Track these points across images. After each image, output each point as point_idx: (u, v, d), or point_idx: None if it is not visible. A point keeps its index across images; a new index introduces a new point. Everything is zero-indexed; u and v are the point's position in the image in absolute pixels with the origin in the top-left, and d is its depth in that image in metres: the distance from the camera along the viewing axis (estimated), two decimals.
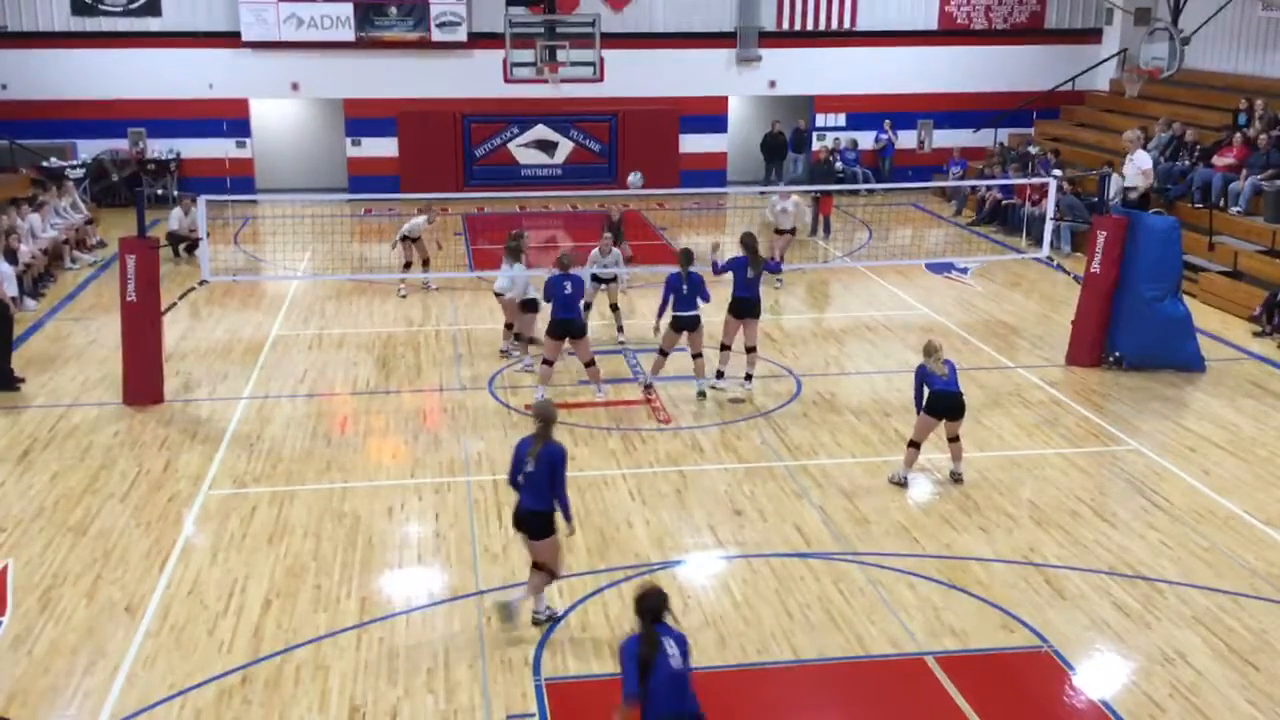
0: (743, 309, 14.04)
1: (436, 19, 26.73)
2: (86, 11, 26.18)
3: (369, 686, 8.34)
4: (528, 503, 8.77)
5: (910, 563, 10.12)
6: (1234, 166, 20.46)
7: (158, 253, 14.19)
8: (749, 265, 13.98)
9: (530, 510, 8.76)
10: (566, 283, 13.53)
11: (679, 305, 13.82)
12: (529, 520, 8.80)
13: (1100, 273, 15.10)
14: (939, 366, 11.39)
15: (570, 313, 13.58)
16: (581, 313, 13.73)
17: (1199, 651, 8.79)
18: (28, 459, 12.34)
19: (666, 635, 6.55)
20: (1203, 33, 24.16)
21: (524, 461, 8.72)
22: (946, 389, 11.36)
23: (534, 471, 8.68)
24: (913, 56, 28.64)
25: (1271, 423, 13.53)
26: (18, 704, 8.15)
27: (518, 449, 8.85)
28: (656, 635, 6.50)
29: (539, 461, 8.65)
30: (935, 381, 11.39)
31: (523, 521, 8.84)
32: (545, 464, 8.65)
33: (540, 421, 8.83)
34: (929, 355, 11.49)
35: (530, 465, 8.68)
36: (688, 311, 13.81)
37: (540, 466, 8.65)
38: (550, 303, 13.67)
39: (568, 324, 13.58)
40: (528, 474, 8.71)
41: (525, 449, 8.77)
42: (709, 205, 27.56)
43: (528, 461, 8.70)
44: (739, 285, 13.98)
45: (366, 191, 26.68)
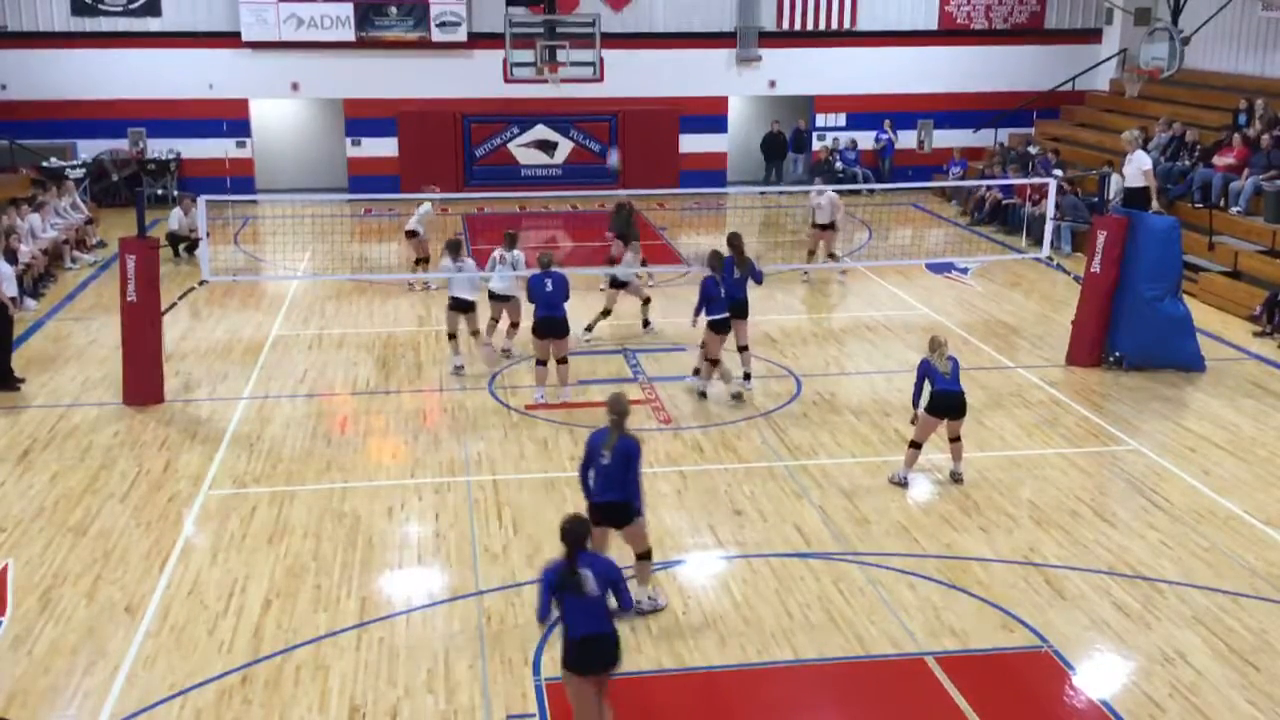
0: (732, 310, 14.02)
1: (436, 19, 26.74)
2: (86, 11, 26.19)
3: (369, 686, 8.34)
4: (607, 495, 8.93)
5: (910, 563, 10.12)
6: (1234, 166, 20.46)
7: (158, 253, 14.19)
8: (735, 266, 13.96)
9: (610, 502, 8.93)
10: (548, 280, 13.55)
11: (714, 308, 13.72)
12: (611, 511, 8.97)
13: (1100, 273, 15.10)
14: (943, 363, 11.34)
15: (552, 311, 13.58)
16: (564, 311, 13.67)
17: (1199, 651, 8.79)
18: (28, 459, 12.34)
19: (586, 564, 7.08)
20: (1203, 33, 24.16)
21: (598, 455, 8.87)
22: (949, 389, 11.32)
23: (610, 464, 8.84)
24: (913, 56, 28.65)
25: (1271, 423, 13.53)
26: (18, 704, 8.15)
27: (590, 442, 8.99)
28: (575, 564, 7.06)
29: (615, 454, 8.82)
30: (938, 380, 11.33)
31: (604, 514, 8.96)
32: (621, 456, 8.83)
33: (614, 414, 8.96)
34: (934, 350, 11.42)
35: (606, 458, 8.84)
36: (723, 314, 13.72)
37: (616, 459, 8.82)
38: (533, 302, 13.69)
39: (549, 322, 13.59)
40: (603, 466, 8.86)
41: (600, 442, 8.92)
42: (709, 205, 27.56)
43: (603, 454, 8.85)
44: (726, 286, 13.96)
45: (366, 191, 26.64)
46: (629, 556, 9.11)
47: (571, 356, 15.69)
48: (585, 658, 7.11)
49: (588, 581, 7.02)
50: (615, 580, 7.20)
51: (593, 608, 7.09)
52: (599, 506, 8.97)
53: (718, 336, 13.81)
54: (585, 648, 7.10)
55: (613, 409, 8.99)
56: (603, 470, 8.89)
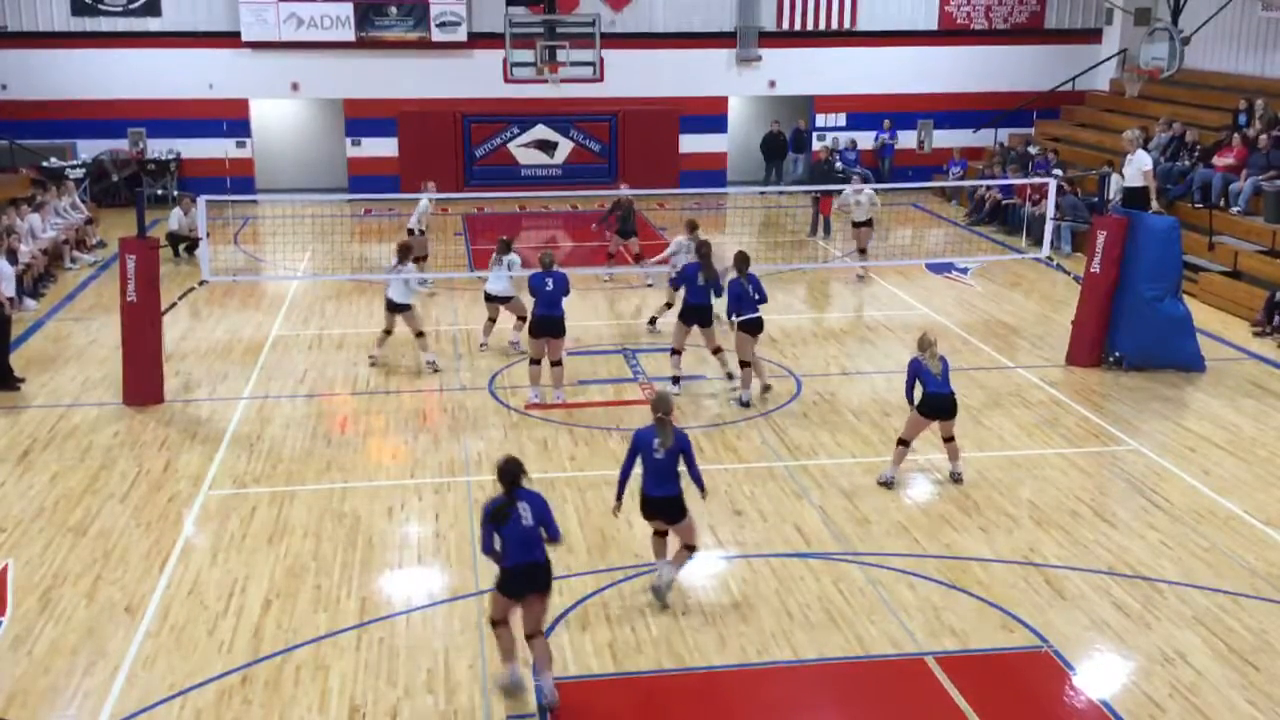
0: (692, 316, 13.99)
1: (436, 19, 26.74)
2: (86, 11, 26.19)
3: (369, 686, 8.34)
4: (661, 490, 9.09)
5: (910, 563, 10.12)
6: (1234, 166, 20.46)
7: (158, 253, 14.19)
8: (700, 272, 13.92)
9: (665, 496, 9.10)
10: (548, 280, 13.56)
11: (744, 308, 13.65)
12: (666, 506, 9.15)
13: (1100, 273, 15.10)
14: (934, 363, 11.29)
15: (551, 309, 13.57)
16: (562, 310, 13.67)
17: (1199, 651, 8.79)
18: (28, 459, 12.34)
19: (522, 498, 7.87)
20: (1203, 33, 24.15)
21: (652, 450, 9.00)
22: (940, 390, 11.31)
23: (663, 459, 8.99)
24: (913, 56, 28.66)
25: (1271, 423, 13.53)
26: (18, 704, 8.15)
27: (636, 440, 9.11)
28: (513, 500, 7.83)
29: (669, 450, 9.00)
30: (929, 381, 11.31)
31: (659, 509, 9.17)
32: (675, 451, 9.02)
33: (661, 413, 9.10)
34: (923, 349, 11.36)
35: (660, 453, 8.98)
36: (752, 314, 13.66)
37: (669, 454, 9.00)
38: (534, 298, 13.73)
39: (547, 321, 13.61)
40: (656, 461, 9.01)
41: (650, 439, 9.04)
42: (709, 205, 27.54)
43: (656, 450, 8.97)
44: (690, 293, 13.97)
45: (366, 191, 26.63)
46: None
47: (570, 356, 15.71)
48: (517, 583, 7.93)
49: (525, 514, 7.81)
50: (545, 514, 7.95)
51: (529, 537, 7.86)
52: (654, 501, 9.14)
53: (749, 338, 13.74)
54: (518, 574, 7.91)
55: (659, 408, 9.14)
56: (656, 465, 9.04)
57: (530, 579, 7.92)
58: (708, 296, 13.96)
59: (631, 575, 9.85)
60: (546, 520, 7.95)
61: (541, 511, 7.93)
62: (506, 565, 7.90)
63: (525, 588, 7.93)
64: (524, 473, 7.93)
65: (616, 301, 18.50)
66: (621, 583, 9.74)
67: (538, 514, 7.89)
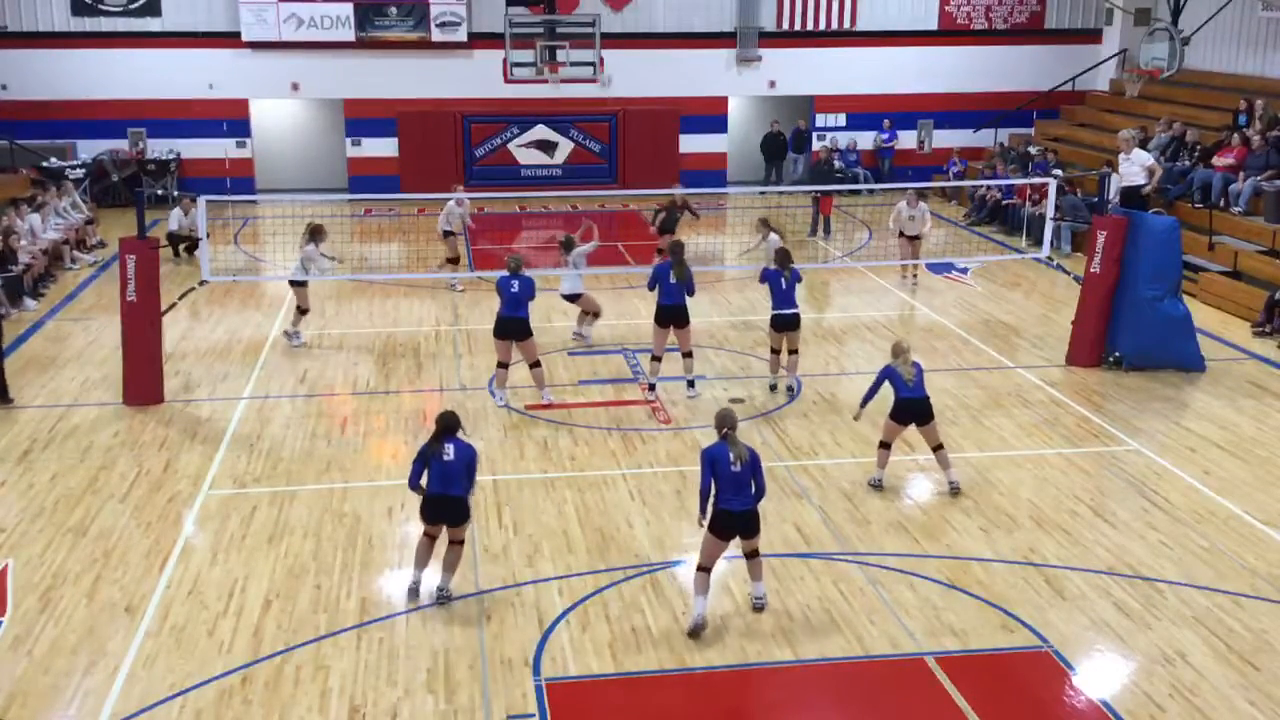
0: (667, 316, 13.87)
1: (436, 19, 26.74)
2: (86, 11, 26.19)
3: (369, 686, 8.34)
4: (741, 504, 8.95)
5: (910, 563, 10.12)
6: (1234, 167, 20.45)
7: (158, 253, 14.19)
8: (672, 272, 13.84)
9: (747, 509, 8.98)
10: (514, 282, 13.50)
11: (779, 303, 13.87)
12: (750, 519, 9.02)
13: (1100, 273, 15.10)
14: (907, 370, 11.30)
15: (515, 311, 13.48)
16: (527, 313, 13.57)
17: (1199, 651, 8.79)
18: (28, 459, 12.34)
19: (451, 442, 9.16)
20: (1203, 33, 24.17)
21: (728, 465, 8.87)
22: (913, 395, 11.30)
23: (740, 472, 8.90)
24: (913, 56, 28.66)
25: (1271, 423, 13.53)
26: (18, 704, 8.15)
27: (714, 456, 8.93)
28: (441, 442, 9.15)
29: (745, 462, 8.90)
30: (901, 387, 11.29)
31: (745, 522, 9.00)
32: (751, 463, 8.95)
33: (727, 428, 9.05)
34: (896, 356, 11.39)
35: (738, 467, 8.88)
36: (789, 309, 13.88)
37: (746, 467, 8.92)
38: (499, 302, 13.67)
39: (511, 322, 13.51)
40: (734, 474, 8.89)
41: (724, 454, 8.90)
42: (709, 205, 27.54)
43: (734, 464, 8.87)
44: (664, 293, 13.83)
45: (366, 192, 26.67)
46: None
47: (570, 356, 15.72)
48: (435, 512, 9.25)
49: (448, 453, 9.10)
50: (471, 462, 9.22)
51: (449, 473, 9.11)
52: (741, 515, 8.97)
53: (775, 333, 14.15)
54: (436, 504, 9.19)
55: (725, 422, 9.08)
56: (735, 479, 8.92)
57: (447, 510, 9.23)
58: (682, 296, 13.91)
59: (631, 575, 9.85)
60: (471, 469, 9.21)
61: (469, 459, 9.19)
62: (429, 494, 9.18)
63: (441, 517, 9.27)
64: (460, 426, 9.28)
65: (617, 301, 18.50)
66: (621, 583, 9.74)
67: (464, 458, 9.16)
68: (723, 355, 15.87)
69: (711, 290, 19.08)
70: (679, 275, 13.87)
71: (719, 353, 15.99)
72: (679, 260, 13.97)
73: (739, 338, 16.72)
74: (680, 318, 13.96)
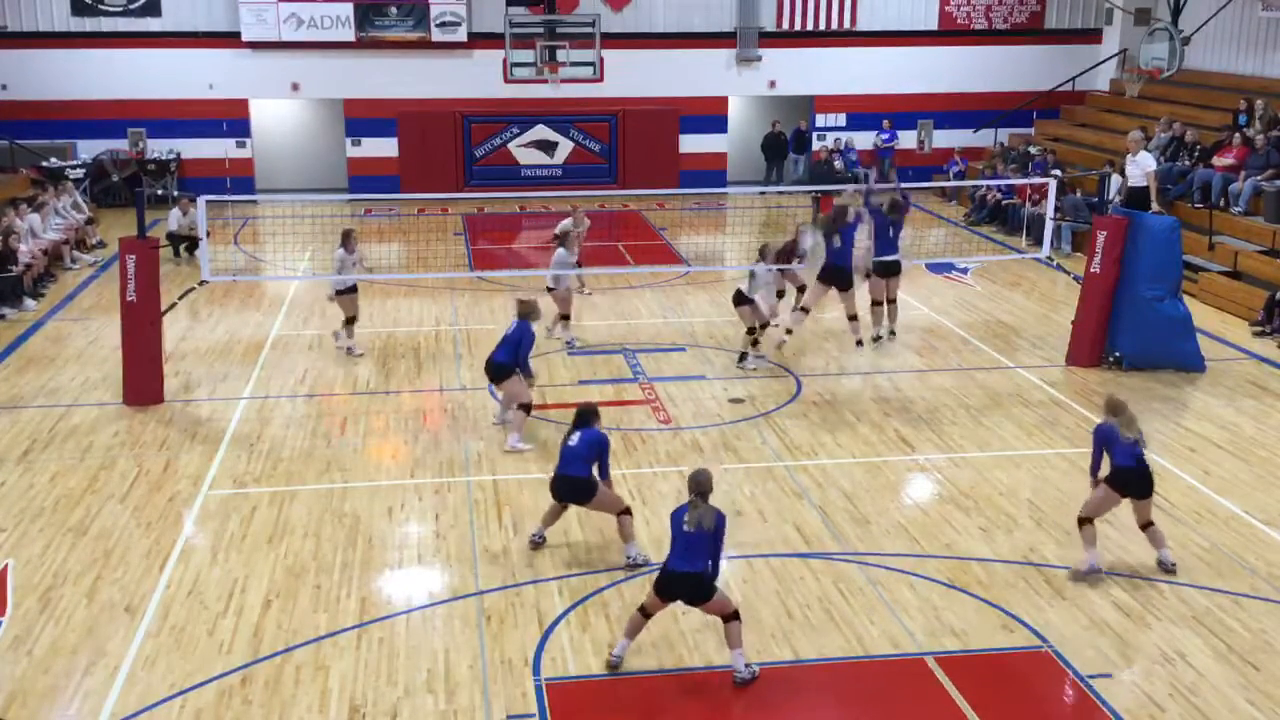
0: (831, 277, 15.36)
1: (436, 19, 26.74)
2: (86, 11, 26.19)
3: (369, 686, 8.34)
4: (685, 565, 8.25)
5: (910, 563, 10.12)
6: (1234, 166, 20.45)
7: (158, 253, 14.18)
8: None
9: (690, 572, 8.25)
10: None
11: (884, 248, 14.82)
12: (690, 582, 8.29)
13: (1100, 273, 15.10)
14: (1131, 431, 9.67)
15: (495, 353, 12.61)
16: (506, 358, 12.43)
17: (1199, 651, 8.79)
18: (28, 459, 12.34)
19: (580, 430, 9.90)
20: (1203, 33, 24.17)
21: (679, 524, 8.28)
22: (1133, 465, 9.67)
23: (693, 535, 8.20)
24: (913, 56, 28.66)
25: (1271, 423, 13.53)
26: (18, 704, 8.15)
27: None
28: (571, 429, 9.92)
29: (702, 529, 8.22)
30: (1121, 453, 9.72)
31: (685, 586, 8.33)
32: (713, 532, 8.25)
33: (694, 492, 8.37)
34: (1116, 414, 9.79)
35: (690, 528, 8.21)
36: (892, 255, 15.22)
37: (702, 533, 8.21)
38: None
39: (487, 365, 12.71)
40: (685, 535, 8.22)
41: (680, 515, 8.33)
42: (709, 205, 27.57)
43: (686, 525, 8.23)
44: (831, 253, 15.26)
45: (366, 191, 26.68)
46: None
47: (570, 356, 15.72)
48: (557, 489, 10.08)
49: (574, 439, 9.91)
50: (594, 444, 9.85)
51: (570, 454, 9.93)
52: (682, 577, 8.30)
53: (880, 281, 15.95)
54: (556, 482, 10.00)
55: (696, 487, 8.37)
56: (686, 540, 8.25)
57: (563, 486, 9.99)
58: (847, 258, 15.22)
59: (631, 575, 9.85)
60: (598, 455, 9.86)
61: (590, 442, 9.84)
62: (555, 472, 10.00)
63: (561, 494, 10.05)
64: (597, 415, 9.99)
65: (617, 302, 18.51)
66: (621, 583, 9.74)
67: (585, 440, 9.80)
68: (723, 355, 15.87)
69: (711, 290, 19.07)
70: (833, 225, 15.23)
71: (719, 353, 15.98)
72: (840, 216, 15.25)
73: (739, 337, 16.69)
74: (845, 279, 15.46)
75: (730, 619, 8.36)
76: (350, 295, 15.60)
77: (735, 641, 8.37)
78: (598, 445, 9.87)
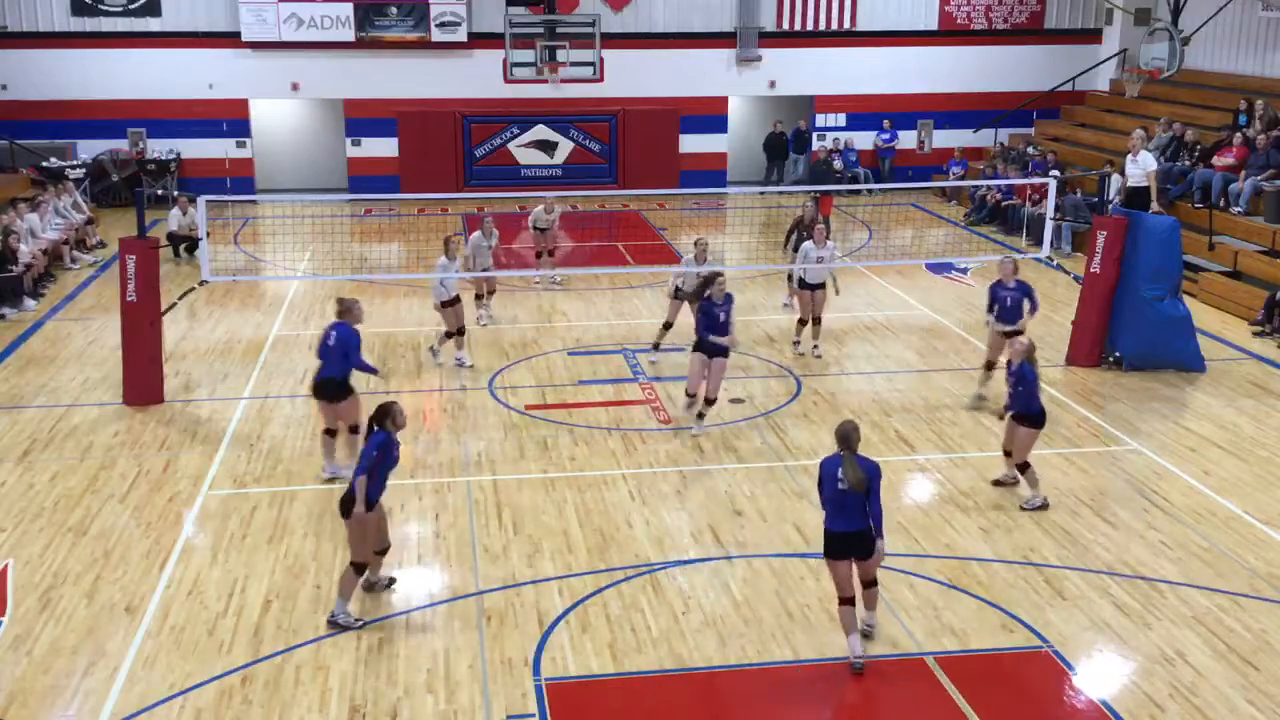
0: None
1: (436, 19, 26.74)
2: (86, 11, 26.19)
3: (369, 686, 8.34)
4: (846, 525, 8.50)
5: (910, 563, 10.12)
6: (1234, 166, 20.45)
7: (158, 253, 14.19)
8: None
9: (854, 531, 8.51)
10: (331, 333, 11.35)
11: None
12: (860, 539, 8.53)
13: (1100, 273, 15.10)
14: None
15: (328, 371, 11.45)
16: (339, 372, 11.38)
17: (1199, 651, 8.79)
18: (28, 459, 12.34)
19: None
20: (1203, 33, 24.16)
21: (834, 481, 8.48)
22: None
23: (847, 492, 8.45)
24: (913, 56, 28.67)
25: (1271, 423, 13.53)
26: (18, 704, 8.15)
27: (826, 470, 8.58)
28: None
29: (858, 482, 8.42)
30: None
31: (853, 542, 8.52)
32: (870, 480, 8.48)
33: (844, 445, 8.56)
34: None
35: (844, 485, 8.44)
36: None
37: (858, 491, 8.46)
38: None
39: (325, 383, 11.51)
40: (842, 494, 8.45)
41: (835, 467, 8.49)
42: (709, 205, 27.57)
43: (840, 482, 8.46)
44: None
45: (366, 191, 26.67)
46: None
47: (570, 356, 15.71)
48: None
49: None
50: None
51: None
52: (843, 539, 8.59)
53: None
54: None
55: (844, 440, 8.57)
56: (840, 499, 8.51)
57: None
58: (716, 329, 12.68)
59: (631, 575, 9.85)
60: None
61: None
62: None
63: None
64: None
65: (617, 302, 18.50)
66: (621, 583, 9.74)
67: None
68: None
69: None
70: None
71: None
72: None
73: (739, 337, 16.67)
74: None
75: (871, 585, 8.76)
76: (453, 307, 14.94)
77: (871, 603, 8.86)
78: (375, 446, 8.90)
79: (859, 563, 8.58)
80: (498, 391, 14.40)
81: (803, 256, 15.75)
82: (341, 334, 11.29)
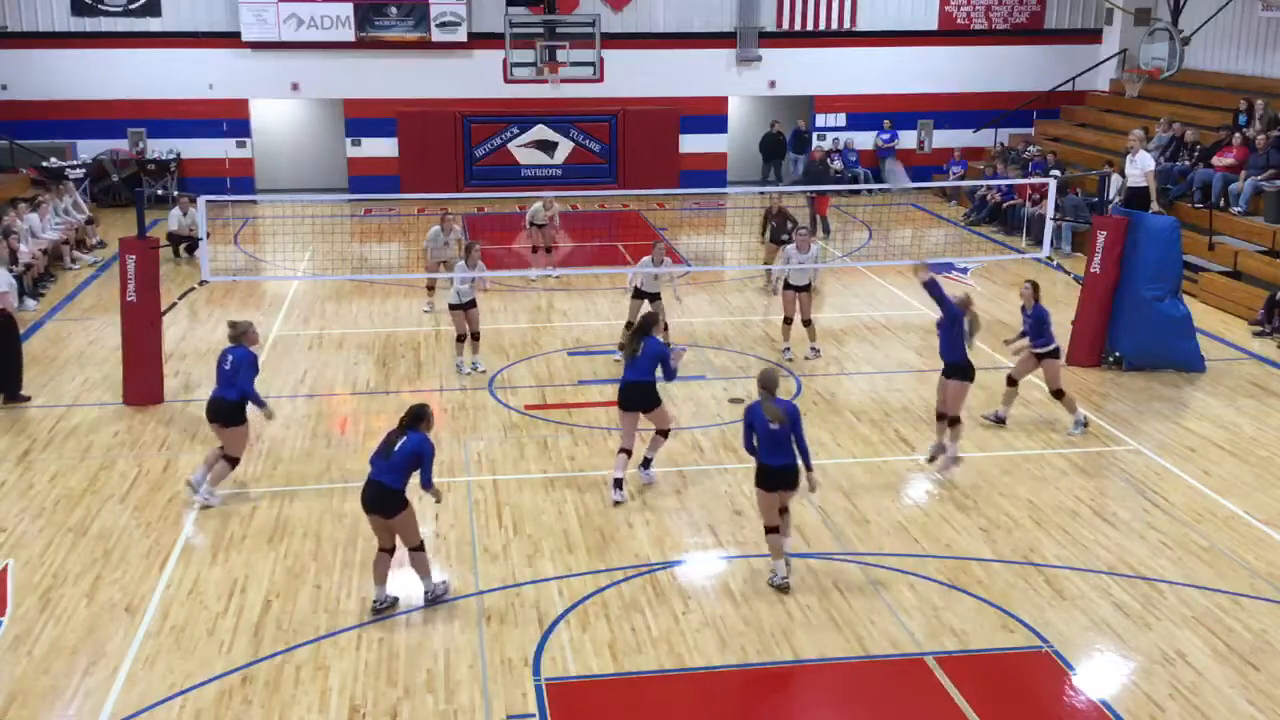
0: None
1: (436, 19, 26.74)
2: (86, 11, 26.19)
3: (369, 686, 8.34)
4: (782, 460, 9.39)
5: (910, 563, 10.12)
6: (1234, 166, 20.46)
7: (158, 253, 14.19)
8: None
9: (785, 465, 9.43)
10: (228, 357, 11.15)
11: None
12: (791, 473, 9.44)
13: (1100, 273, 15.10)
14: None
15: (225, 392, 11.18)
16: (235, 395, 11.08)
17: (1199, 651, 8.79)
18: (28, 459, 12.34)
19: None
20: (1203, 33, 24.17)
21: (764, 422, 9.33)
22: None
23: (778, 431, 9.32)
24: (913, 56, 28.66)
25: (1271, 423, 13.53)
26: (18, 704, 8.15)
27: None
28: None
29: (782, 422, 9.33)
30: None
31: (785, 476, 9.43)
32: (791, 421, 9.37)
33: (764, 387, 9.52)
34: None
35: (775, 426, 9.32)
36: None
37: (784, 427, 9.34)
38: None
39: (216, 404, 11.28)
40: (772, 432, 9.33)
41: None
42: (709, 205, 27.57)
43: (770, 423, 9.32)
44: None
45: (366, 191, 26.68)
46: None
47: (570, 356, 15.70)
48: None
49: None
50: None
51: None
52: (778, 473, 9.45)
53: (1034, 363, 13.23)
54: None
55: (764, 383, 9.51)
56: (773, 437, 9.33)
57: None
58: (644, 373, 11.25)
59: (632, 575, 9.85)
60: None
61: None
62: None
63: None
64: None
65: (617, 302, 18.49)
66: (621, 583, 9.75)
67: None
68: (722, 355, 15.87)
69: (711, 290, 19.08)
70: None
71: (719, 352, 15.98)
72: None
73: (738, 337, 16.72)
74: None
75: (785, 510, 9.73)
76: (461, 310, 14.82)
77: (787, 528, 9.78)
78: (416, 454, 9.07)
79: (784, 493, 9.51)
80: (498, 391, 14.40)
81: (785, 259, 15.69)
82: (237, 357, 11.13)
